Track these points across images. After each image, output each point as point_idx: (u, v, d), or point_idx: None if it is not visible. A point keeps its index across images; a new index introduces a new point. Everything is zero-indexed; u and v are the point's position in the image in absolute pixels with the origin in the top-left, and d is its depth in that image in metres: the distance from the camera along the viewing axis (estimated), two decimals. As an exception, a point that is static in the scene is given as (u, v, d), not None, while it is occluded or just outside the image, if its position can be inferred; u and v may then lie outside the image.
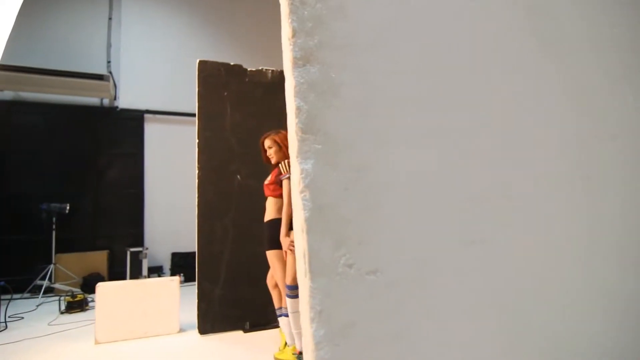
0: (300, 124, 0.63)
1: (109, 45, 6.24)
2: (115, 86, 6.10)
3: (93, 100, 6.06)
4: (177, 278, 3.47)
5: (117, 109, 6.16)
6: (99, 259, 5.64)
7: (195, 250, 6.05)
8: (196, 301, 3.39)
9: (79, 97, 5.87)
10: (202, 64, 3.60)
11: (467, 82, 0.80)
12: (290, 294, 2.35)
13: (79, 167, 5.92)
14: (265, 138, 2.81)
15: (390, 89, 0.70)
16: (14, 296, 4.31)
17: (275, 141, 2.76)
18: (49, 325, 3.73)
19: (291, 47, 0.65)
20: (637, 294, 1.06)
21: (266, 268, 2.89)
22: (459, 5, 0.82)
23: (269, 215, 2.70)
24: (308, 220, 0.60)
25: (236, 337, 3.25)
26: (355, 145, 0.66)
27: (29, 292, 4.98)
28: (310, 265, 0.59)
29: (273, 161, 2.77)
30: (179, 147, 6.37)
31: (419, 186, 0.70)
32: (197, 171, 3.47)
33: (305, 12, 0.65)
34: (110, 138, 6.10)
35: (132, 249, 5.51)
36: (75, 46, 6.07)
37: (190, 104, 6.40)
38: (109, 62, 6.19)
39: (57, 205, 5.02)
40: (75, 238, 5.67)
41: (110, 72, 6.03)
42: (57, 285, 5.04)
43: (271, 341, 3.07)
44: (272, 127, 3.02)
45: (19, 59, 5.33)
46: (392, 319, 0.63)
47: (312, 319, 0.56)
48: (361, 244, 0.62)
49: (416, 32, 0.74)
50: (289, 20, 0.65)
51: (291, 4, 0.65)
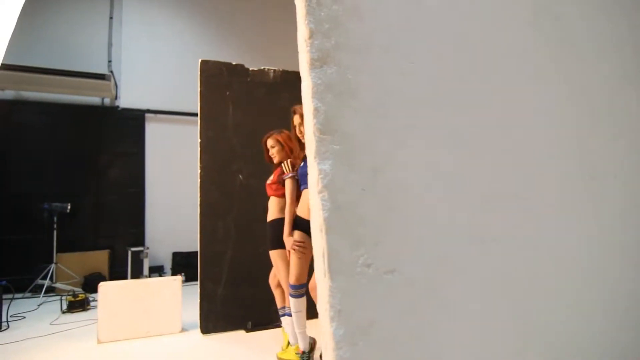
0: (318, 124, 0.64)
1: (110, 45, 6.24)
2: (116, 85, 6.10)
3: (94, 100, 6.06)
4: (179, 277, 3.48)
5: (118, 109, 6.16)
6: (100, 258, 5.64)
7: (196, 249, 6.07)
8: (198, 301, 3.40)
9: (80, 96, 5.87)
10: (204, 63, 3.59)
11: (479, 83, 0.81)
12: (294, 294, 2.35)
13: (80, 166, 5.92)
14: (267, 138, 2.81)
15: (405, 89, 0.71)
16: (15, 296, 4.31)
17: (277, 141, 2.77)
18: (50, 324, 3.73)
19: (308, 48, 0.66)
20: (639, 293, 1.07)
21: (268, 268, 2.89)
22: (470, 5, 0.83)
23: (271, 215, 2.71)
24: (327, 221, 0.61)
25: (238, 336, 3.25)
26: (371, 146, 0.66)
27: (30, 291, 4.97)
28: (329, 265, 0.59)
29: (275, 161, 2.78)
30: (180, 147, 6.37)
31: (433, 186, 0.71)
32: (199, 171, 3.47)
33: (322, 14, 0.66)
34: (111, 137, 6.10)
35: (133, 249, 5.51)
36: (76, 45, 6.07)
37: (192, 104, 6.42)
38: (109, 61, 6.19)
39: (59, 204, 5.02)
40: (76, 237, 5.67)
41: (112, 72, 6.02)
42: (58, 285, 5.04)
43: (273, 341, 3.07)
44: (274, 127, 3.02)
45: (20, 58, 5.32)
46: (410, 318, 0.64)
47: (332, 318, 0.57)
48: (378, 244, 0.63)
49: (429, 33, 0.75)
50: (306, 22, 0.66)
51: (308, 5, 0.65)
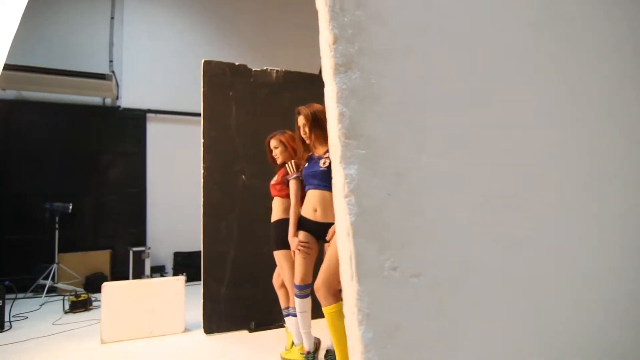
0: (343, 129, 0.64)
1: (111, 45, 6.23)
2: (117, 85, 6.09)
3: (95, 100, 6.05)
4: (182, 277, 3.48)
5: (119, 109, 6.16)
6: (101, 258, 5.64)
7: (198, 249, 6.09)
8: (201, 301, 3.40)
9: (81, 96, 5.87)
10: (207, 64, 3.59)
11: (498, 86, 0.81)
12: (299, 294, 2.35)
13: (81, 166, 5.92)
14: (271, 138, 2.81)
15: (426, 94, 0.72)
16: (17, 296, 4.31)
17: (281, 141, 2.77)
18: (53, 324, 3.73)
19: (332, 53, 0.66)
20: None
21: (271, 268, 2.90)
22: (483, 9, 0.83)
23: (275, 216, 2.71)
24: (354, 225, 0.61)
25: (242, 336, 3.26)
26: (395, 150, 0.67)
27: (32, 291, 4.97)
28: (357, 268, 0.60)
29: (279, 161, 2.78)
30: (181, 147, 6.37)
31: (455, 189, 0.72)
32: (202, 171, 3.47)
33: (346, 19, 0.66)
34: (112, 137, 6.10)
35: (135, 249, 5.50)
36: (77, 45, 6.06)
37: (193, 104, 6.43)
38: (111, 61, 6.18)
39: (60, 204, 5.02)
40: (77, 237, 5.67)
41: (113, 72, 6.02)
42: (60, 285, 5.04)
43: (277, 341, 3.08)
44: (277, 127, 3.02)
45: (21, 58, 5.32)
46: (436, 321, 0.64)
47: (360, 322, 0.58)
48: (404, 248, 0.64)
49: (448, 38, 0.76)
50: (330, 27, 0.66)
51: (331, 10, 0.66)
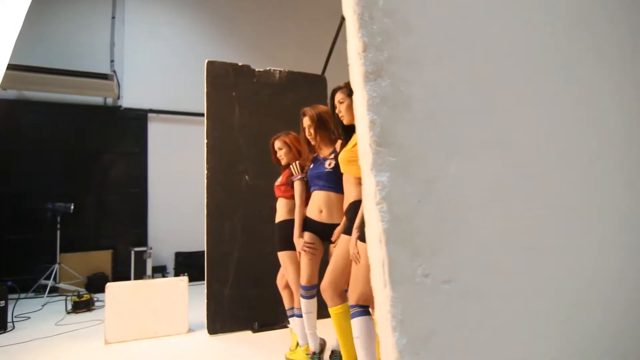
0: (375, 137, 0.65)
1: (112, 44, 6.23)
2: (118, 85, 6.09)
3: (96, 100, 6.05)
4: (185, 278, 3.49)
5: (121, 108, 6.15)
6: (103, 258, 5.64)
7: (199, 249, 6.12)
8: (204, 301, 3.40)
9: (82, 96, 5.86)
10: (210, 64, 3.59)
11: (526, 92, 0.82)
12: (305, 295, 2.36)
13: (83, 166, 5.91)
14: (275, 139, 2.81)
15: (454, 101, 0.72)
16: (20, 296, 4.31)
17: (285, 142, 2.77)
18: (56, 325, 3.73)
19: (362, 61, 0.67)
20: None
21: (274, 268, 2.90)
22: (511, 16, 0.84)
23: (280, 217, 2.71)
24: (387, 232, 0.62)
25: (245, 337, 3.26)
26: (425, 158, 0.68)
27: (34, 291, 4.97)
28: (390, 275, 0.61)
29: (283, 162, 2.78)
30: (183, 147, 6.38)
31: (484, 196, 0.73)
32: (205, 171, 3.47)
33: (375, 27, 0.67)
34: (113, 137, 6.10)
35: (136, 249, 5.51)
36: (79, 45, 6.06)
37: (194, 103, 6.44)
38: (112, 61, 6.18)
39: (62, 204, 5.02)
40: (78, 237, 5.67)
41: (114, 71, 6.01)
42: (61, 285, 5.04)
43: (281, 341, 3.09)
44: (280, 128, 3.02)
45: (22, 58, 5.30)
46: (468, 326, 0.65)
47: (394, 328, 0.58)
48: (435, 254, 0.64)
49: (475, 45, 0.76)
50: (359, 35, 0.67)
51: (360, 18, 0.66)
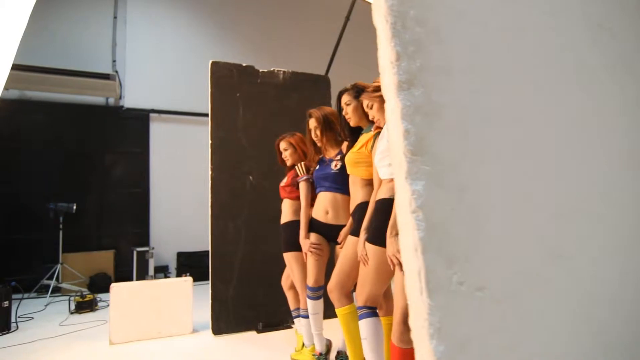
0: (409, 146, 0.66)
1: (114, 44, 6.22)
2: (120, 85, 6.08)
3: (98, 100, 6.04)
4: (189, 278, 3.49)
5: (123, 108, 6.14)
6: (105, 258, 5.63)
7: (201, 249, 6.13)
8: (207, 301, 3.40)
9: (84, 96, 5.85)
10: (214, 65, 3.60)
11: (550, 100, 0.83)
12: (311, 296, 2.36)
13: (85, 166, 5.90)
14: (280, 140, 2.82)
15: (485, 109, 0.73)
16: (24, 296, 4.31)
17: (290, 143, 2.77)
18: (60, 325, 3.73)
19: (395, 70, 0.67)
20: None
21: (279, 268, 2.91)
22: (539, 26, 0.84)
23: (285, 217, 2.71)
24: (423, 240, 0.63)
25: (250, 337, 3.27)
26: (457, 166, 0.68)
27: (36, 291, 4.97)
28: (427, 283, 0.61)
29: (288, 163, 2.79)
30: (185, 147, 6.37)
31: (515, 203, 0.73)
32: (210, 172, 3.47)
33: (407, 36, 0.68)
34: (115, 137, 6.09)
35: (139, 249, 5.50)
36: (80, 45, 6.04)
37: (196, 103, 6.43)
38: (114, 61, 6.17)
39: (64, 204, 5.01)
40: (80, 237, 5.66)
41: (116, 71, 6.00)
42: (64, 285, 5.04)
43: (286, 341, 3.09)
44: (284, 128, 3.03)
45: (23, 58, 5.28)
46: (501, 333, 0.66)
47: (432, 336, 0.59)
48: (469, 262, 0.65)
49: (503, 54, 0.77)
50: (392, 44, 0.67)
51: (393, 27, 0.67)
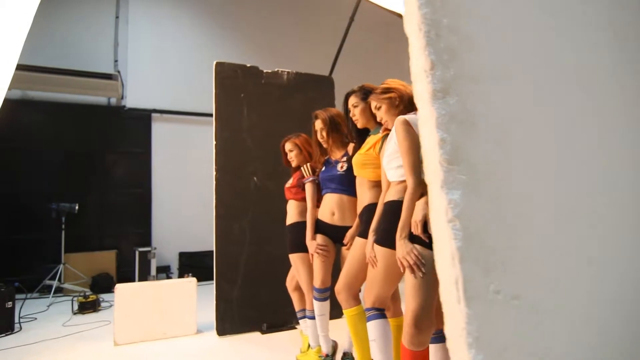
0: (445, 155, 0.66)
1: (116, 44, 6.20)
2: (122, 85, 6.07)
3: (100, 100, 6.03)
4: (194, 279, 3.48)
5: (125, 108, 6.13)
6: (107, 258, 5.62)
7: (202, 249, 6.12)
8: (209, 302, 3.41)
9: (86, 96, 5.84)
10: (219, 65, 3.59)
11: (591, 107, 0.82)
12: (318, 297, 2.36)
13: (87, 166, 5.89)
14: (285, 141, 2.82)
15: (517, 117, 0.73)
16: (27, 296, 4.30)
17: (296, 144, 2.77)
18: (63, 326, 3.72)
19: (429, 79, 0.67)
20: None
21: (283, 269, 2.91)
22: (569, 33, 0.84)
23: (291, 219, 2.71)
24: (460, 249, 0.63)
25: (255, 338, 3.27)
26: (492, 174, 0.69)
27: (38, 291, 4.96)
28: (465, 292, 0.62)
29: (294, 164, 2.79)
30: (187, 147, 6.37)
31: (549, 211, 0.74)
32: (214, 173, 3.47)
33: (441, 45, 0.68)
34: (117, 137, 6.08)
35: (141, 249, 5.50)
36: (82, 45, 6.03)
37: (198, 104, 6.43)
38: (116, 60, 6.15)
39: (67, 205, 5.00)
40: (82, 237, 5.65)
41: (118, 71, 6.00)
42: (66, 285, 5.03)
43: (290, 342, 3.09)
44: (288, 129, 3.02)
45: (25, 57, 5.25)
46: (537, 341, 0.66)
47: (470, 345, 0.60)
48: (505, 271, 0.65)
49: (534, 62, 0.77)
50: (426, 52, 0.67)
51: (427, 36, 0.67)
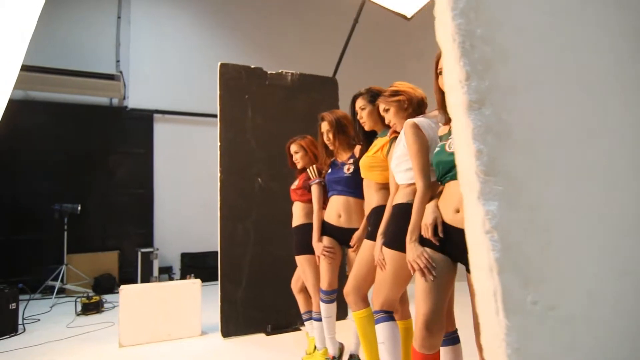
0: (482, 166, 0.66)
1: (117, 45, 6.20)
2: (124, 86, 6.06)
3: (102, 100, 6.02)
4: (198, 281, 3.48)
5: (126, 109, 6.13)
6: (109, 259, 5.62)
7: (204, 250, 6.12)
8: (212, 302, 3.41)
9: (88, 96, 5.84)
10: (223, 66, 3.59)
11: (618, 118, 0.82)
12: (325, 299, 2.36)
13: (88, 166, 5.89)
14: (291, 143, 2.82)
15: (550, 128, 0.73)
16: (26, 297, 4.29)
17: (301, 146, 2.77)
18: (67, 327, 3.72)
19: (464, 90, 0.68)
20: None
21: (288, 270, 2.91)
22: (602, 44, 0.83)
23: (297, 220, 2.71)
24: (498, 261, 0.64)
25: (259, 339, 3.27)
26: (527, 185, 0.69)
27: (40, 292, 4.95)
28: (504, 304, 0.62)
29: (299, 166, 2.79)
30: (189, 147, 6.36)
31: (580, 222, 0.74)
32: (219, 174, 3.47)
33: (476, 55, 0.68)
34: (119, 138, 6.07)
35: (143, 250, 5.49)
36: (84, 45, 6.02)
37: (200, 104, 6.43)
38: (117, 61, 6.15)
39: (69, 205, 5.00)
40: (85, 238, 5.64)
41: (120, 72, 5.99)
42: (68, 286, 5.02)
43: (295, 344, 3.10)
44: (292, 130, 3.02)
45: (27, 58, 5.23)
46: (574, 352, 0.66)
47: (509, 356, 0.60)
48: (542, 282, 0.66)
49: (566, 73, 0.77)
50: (461, 63, 0.68)
51: (461, 47, 0.67)
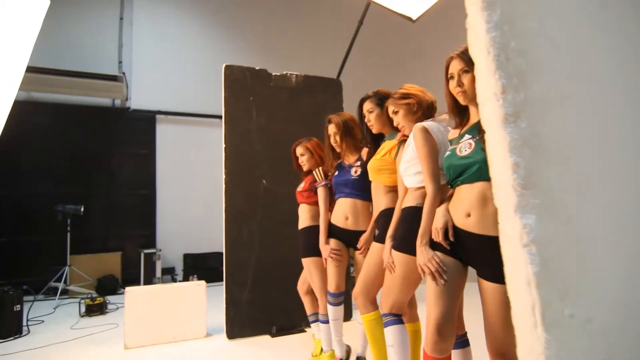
0: (519, 179, 0.67)
1: (120, 45, 6.20)
2: (127, 87, 6.06)
3: (105, 101, 6.02)
4: (203, 282, 3.48)
5: (129, 110, 6.13)
6: (112, 260, 5.62)
7: (207, 251, 6.12)
8: (216, 303, 3.41)
9: (90, 97, 5.84)
10: (228, 68, 3.59)
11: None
12: (332, 302, 2.36)
13: (91, 167, 5.89)
14: (297, 145, 2.81)
15: (582, 139, 0.73)
16: (29, 299, 4.29)
17: (307, 148, 2.77)
18: (71, 329, 3.72)
19: (500, 102, 0.68)
20: None
21: (293, 272, 2.91)
22: (631, 54, 0.84)
23: (303, 223, 2.71)
24: (537, 275, 0.64)
25: (265, 341, 3.27)
26: (562, 198, 0.69)
27: (43, 293, 4.95)
28: (542, 318, 0.63)
29: (305, 168, 2.78)
30: (191, 148, 6.37)
31: (615, 234, 0.74)
32: (224, 176, 3.47)
33: (511, 68, 0.69)
34: (122, 139, 6.07)
35: (146, 251, 5.49)
36: (86, 46, 6.02)
37: (203, 105, 6.43)
38: (120, 62, 6.15)
39: (72, 207, 4.99)
40: (87, 239, 5.65)
41: (123, 73, 5.99)
42: (71, 287, 5.02)
43: (300, 346, 3.09)
44: (296, 131, 3.02)
45: (30, 59, 5.25)
46: None
47: None
48: (578, 295, 0.66)
49: (593, 82, 0.77)
50: (496, 76, 0.69)
51: (497, 60, 0.67)
